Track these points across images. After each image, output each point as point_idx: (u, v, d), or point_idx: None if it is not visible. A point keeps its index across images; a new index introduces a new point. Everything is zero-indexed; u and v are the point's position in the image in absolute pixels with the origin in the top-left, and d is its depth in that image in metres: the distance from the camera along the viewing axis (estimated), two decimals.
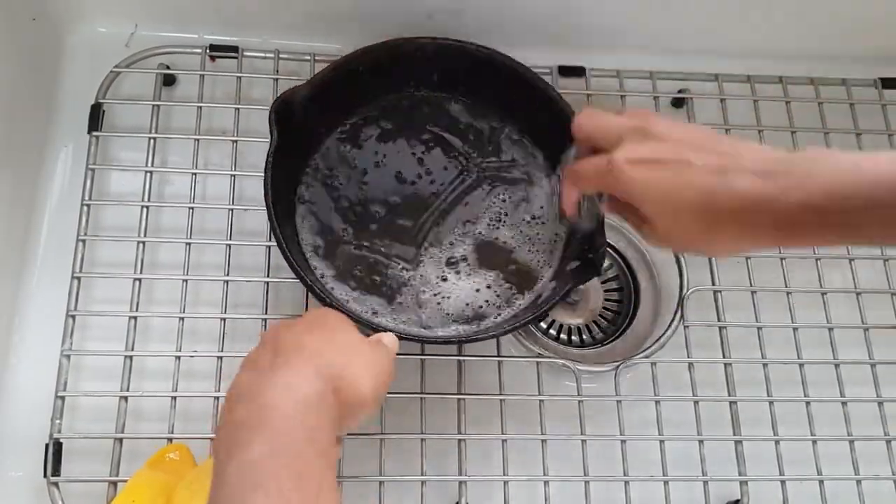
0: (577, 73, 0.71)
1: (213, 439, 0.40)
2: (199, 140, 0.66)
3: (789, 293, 0.66)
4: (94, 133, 0.65)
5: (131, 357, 0.59)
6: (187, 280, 0.61)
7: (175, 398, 0.58)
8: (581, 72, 0.71)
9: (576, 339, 0.70)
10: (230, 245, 0.63)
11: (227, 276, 0.61)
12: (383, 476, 0.57)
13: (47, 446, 0.56)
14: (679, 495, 0.60)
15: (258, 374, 0.40)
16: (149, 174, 0.64)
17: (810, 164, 0.41)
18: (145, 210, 0.63)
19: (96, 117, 0.66)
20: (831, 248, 0.69)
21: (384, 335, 0.48)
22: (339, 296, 0.57)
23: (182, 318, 0.60)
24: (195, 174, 0.65)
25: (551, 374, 0.64)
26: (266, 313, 0.61)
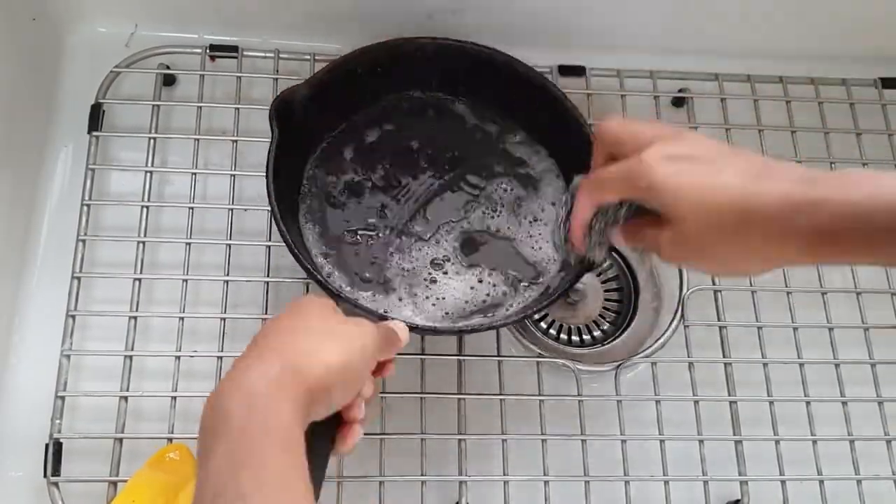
0: (577, 72, 0.71)
1: None
2: (199, 140, 0.66)
3: (789, 293, 0.66)
4: (94, 133, 0.65)
5: (131, 357, 0.59)
6: (187, 280, 0.61)
7: (175, 398, 0.58)
8: (581, 71, 0.71)
9: (576, 339, 0.70)
10: (230, 245, 0.63)
11: (227, 276, 0.61)
12: (383, 476, 0.57)
13: (47, 446, 0.56)
14: (679, 495, 0.60)
15: (233, 376, 0.39)
16: (149, 174, 0.64)
17: (849, 176, 0.39)
18: (145, 210, 0.63)
19: (96, 117, 0.66)
20: None
21: (395, 323, 0.47)
22: (351, 296, 0.57)
23: (182, 318, 0.60)
24: (195, 174, 0.65)
25: (551, 374, 0.64)
26: (266, 313, 0.61)
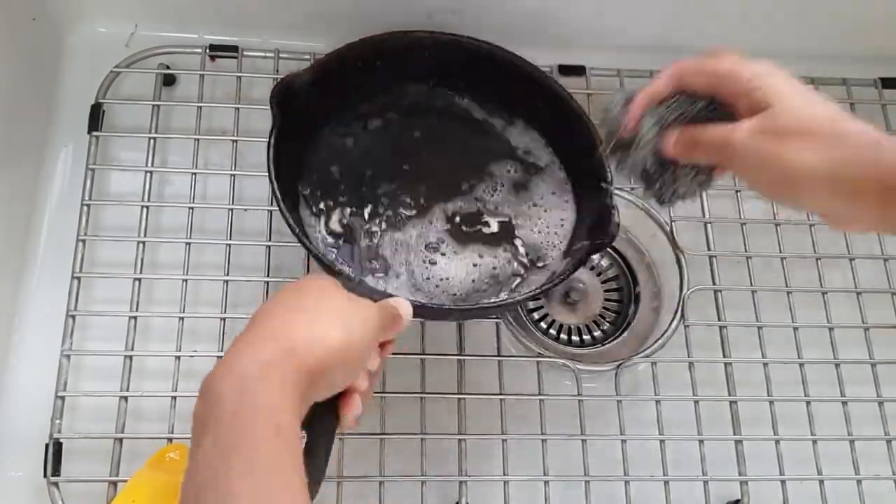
0: (577, 72, 0.71)
1: None
2: (199, 140, 0.66)
3: (790, 293, 0.66)
4: (94, 133, 0.65)
5: (131, 357, 0.59)
6: (187, 280, 0.61)
7: (175, 398, 0.58)
8: (581, 71, 0.71)
9: (576, 339, 0.70)
10: (230, 245, 0.63)
11: (227, 275, 0.61)
12: (383, 476, 0.57)
13: (47, 446, 0.56)
14: (679, 495, 0.60)
15: (226, 360, 0.38)
16: (149, 174, 0.64)
17: None
18: (145, 210, 0.63)
19: (96, 117, 0.66)
20: (832, 248, 0.69)
21: (397, 300, 0.45)
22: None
23: (182, 318, 0.60)
24: (195, 174, 0.65)
25: (551, 374, 0.64)
26: None
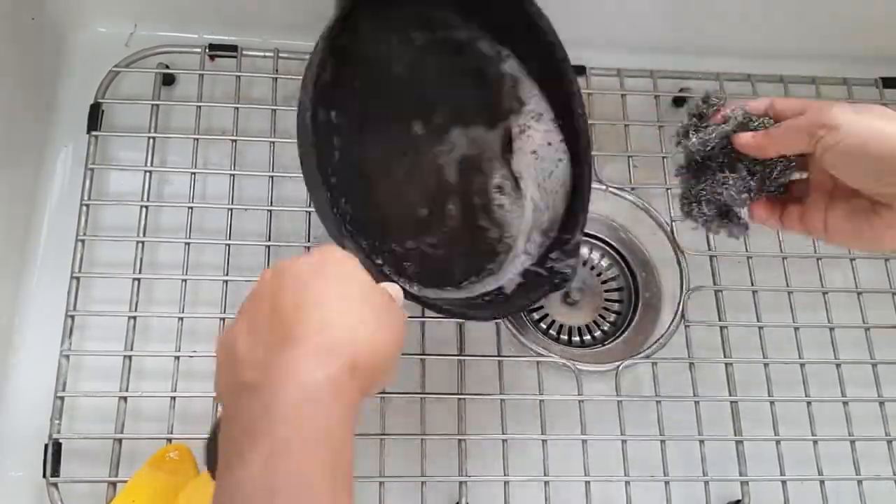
0: (577, 72, 0.71)
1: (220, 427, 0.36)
2: (198, 140, 0.66)
3: (790, 293, 0.66)
4: (94, 133, 0.65)
5: (130, 357, 0.59)
6: (186, 280, 0.61)
7: (174, 398, 0.58)
8: (581, 71, 0.71)
9: (576, 339, 0.70)
10: (229, 245, 0.62)
11: (227, 276, 0.61)
12: (383, 476, 0.57)
13: (46, 447, 0.56)
14: (680, 495, 0.60)
15: (255, 344, 0.34)
16: (148, 174, 0.64)
17: None
18: (144, 210, 0.63)
19: (96, 117, 0.66)
20: (832, 248, 0.69)
21: (389, 285, 0.43)
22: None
23: (181, 318, 0.60)
24: (194, 174, 0.65)
25: (551, 374, 0.64)
26: None
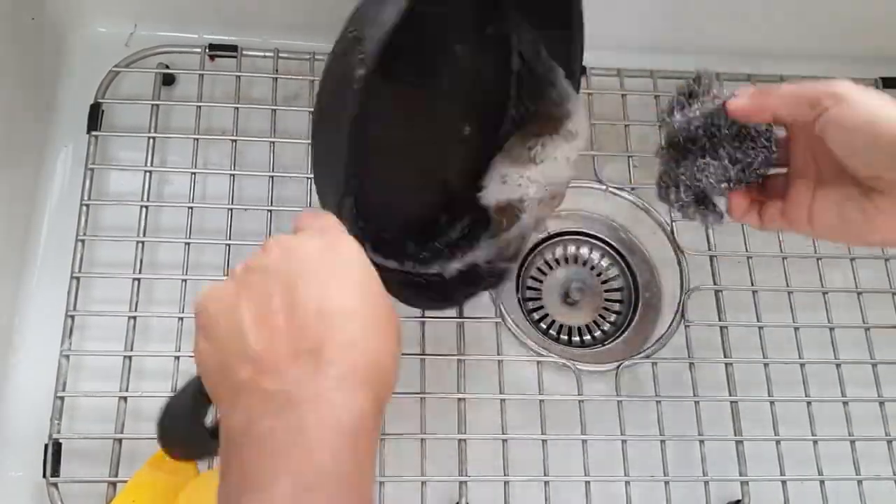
0: None
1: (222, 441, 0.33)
2: (198, 140, 0.66)
3: (790, 293, 0.66)
4: (94, 133, 0.65)
5: (130, 357, 0.59)
6: (186, 280, 0.61)
7: None
8: (581, 71, 0.71)
9: (576, 339, 0.70)
10: (229, 245, 0.62)
11: (227, 276, 0.61)
12: (383, 476, 0.57)
13: (46, 447, 0.56)
14: (680, 495, 0.60)
15: (272, 342, 0.31)
16: (148, 174, 0.64)
17: None
18: (144, 210, 0.63)
19: (95, 117, 0.66)
20: (832, 248, 0.69)
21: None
22: None
23: (181, 318, 0.60)
24: (194, 174, 0.65)
25: (551, 374, 0.64)
26: None
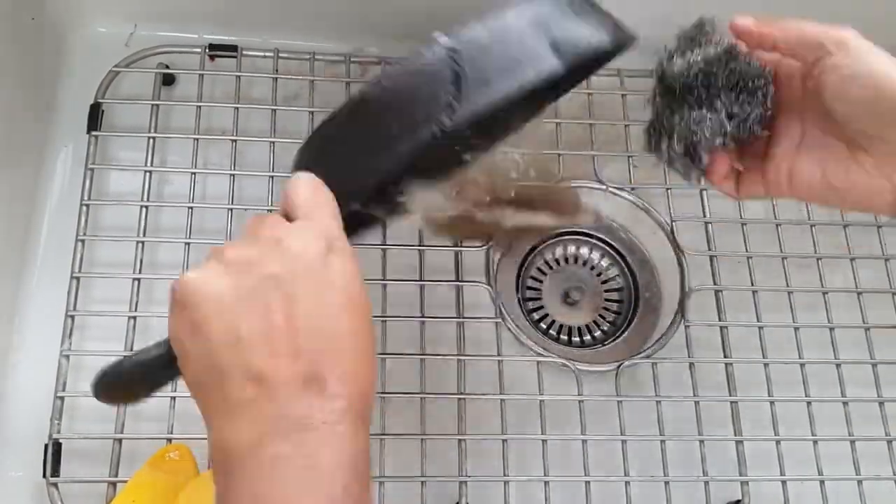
0: None
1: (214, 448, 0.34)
2: (198, 140, 0.66)
3: (790, 293, 0.66)
4: (94, 133, 0.65)
5: None
6: None
7: (174, 398, 0.57)
8: None
9: (576, 339, 0.70)
10: None
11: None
12: (383, 476, 0.57)
13: (46, 447, 0.56)
14: (680, 495, 0.60)
15: (273, 357, 0.32)
16: (148, 174, 0.64)
17: None
18: (144, 210, 0.63)
19: (95, 117, 0.66)
20: (833, 248, 0.69)
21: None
22: None
23: None
24: (194, 174, 0.65)
25: (551, 374, 0.64)
26: None
